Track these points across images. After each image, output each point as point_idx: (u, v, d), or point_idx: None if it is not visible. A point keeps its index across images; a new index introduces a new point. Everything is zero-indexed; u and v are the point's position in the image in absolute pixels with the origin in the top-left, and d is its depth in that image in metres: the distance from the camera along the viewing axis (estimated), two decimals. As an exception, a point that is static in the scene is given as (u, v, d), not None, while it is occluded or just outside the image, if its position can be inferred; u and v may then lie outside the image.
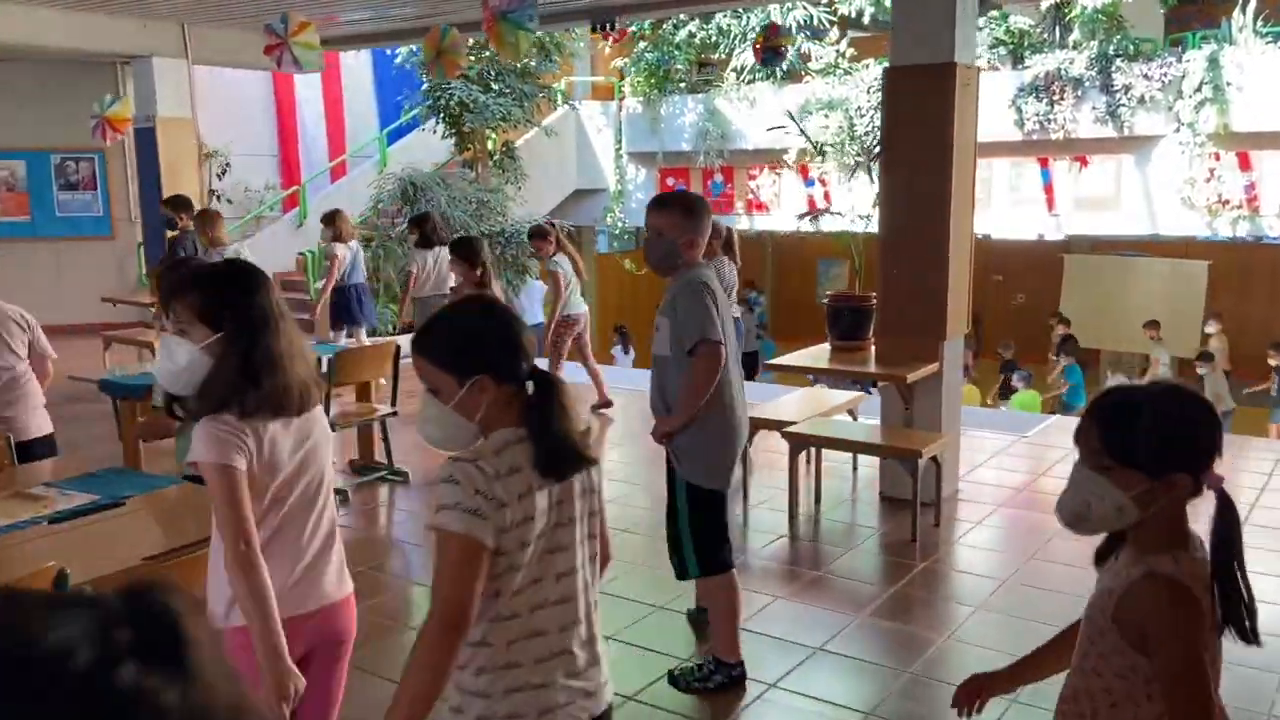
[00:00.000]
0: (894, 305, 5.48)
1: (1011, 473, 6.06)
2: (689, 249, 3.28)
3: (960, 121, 5.23)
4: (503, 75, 11.44)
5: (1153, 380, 1.78)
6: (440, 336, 1.79)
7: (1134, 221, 10.67)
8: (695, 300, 3.21)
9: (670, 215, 3.30)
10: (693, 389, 3.22)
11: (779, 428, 5.43)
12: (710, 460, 3.35)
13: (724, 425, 3.33)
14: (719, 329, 3.18)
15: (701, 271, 3.30)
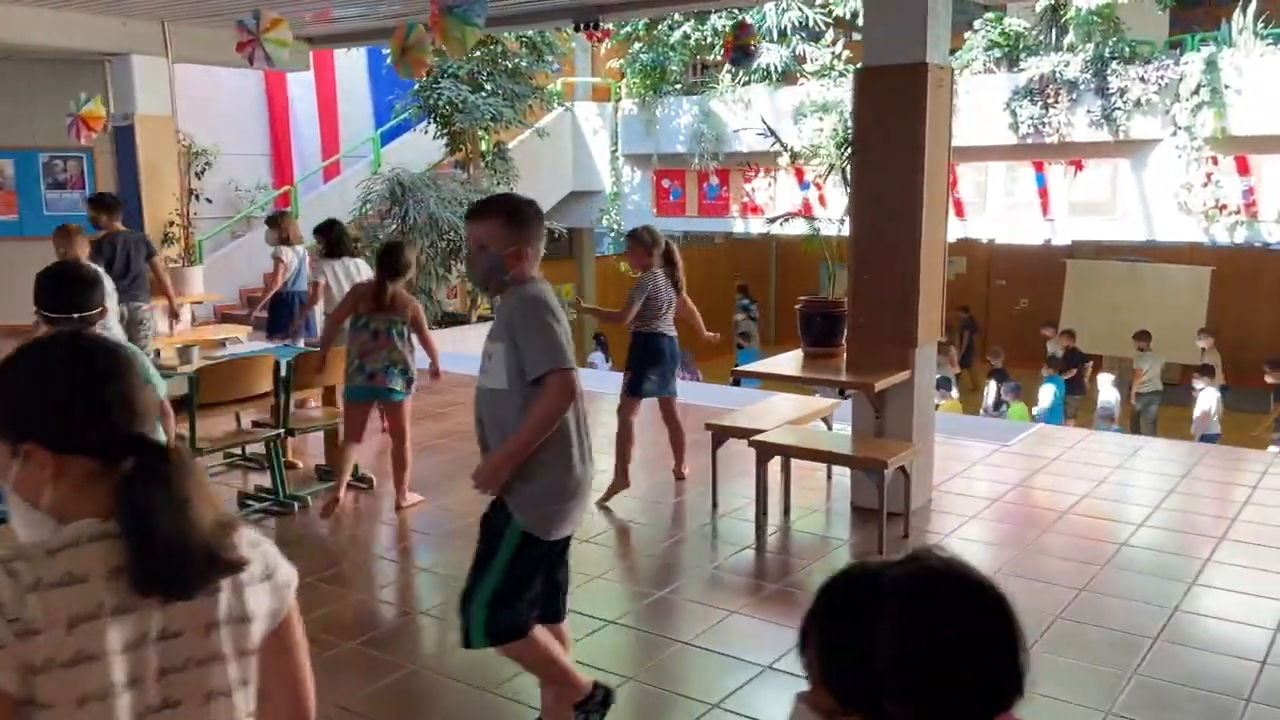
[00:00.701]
0: (865, 311, 5.35)
1: (988, 483, 5.92)
2: (516, 261, 2.82)
3: (933, 124, 5.10)
4: (494, 75, 11.35)
5: (915, 553, 1.13)
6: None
7: (1130, 227, 10.50)
8: (534, 321, 2.75)
9: (491, 224, 2.84)
10: (541, 421, 2.74)
11: (747, 435, 5.31)
12: (557, 504, 2.85)
13: (574, 462, 2.86)
14: (568, 353, 2.76)
15: (534, 286, 2.84)
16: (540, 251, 2.90)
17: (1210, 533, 5.03)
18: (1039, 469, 6.22)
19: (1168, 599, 4.23)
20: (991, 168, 11.11)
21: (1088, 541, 4.97)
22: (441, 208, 11.01)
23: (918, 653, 1.01)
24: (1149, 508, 5.44)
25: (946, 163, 5.35)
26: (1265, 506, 5.46)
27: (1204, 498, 5.71)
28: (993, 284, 19.14)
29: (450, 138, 11.94)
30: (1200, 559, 4.69)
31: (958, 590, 1.07)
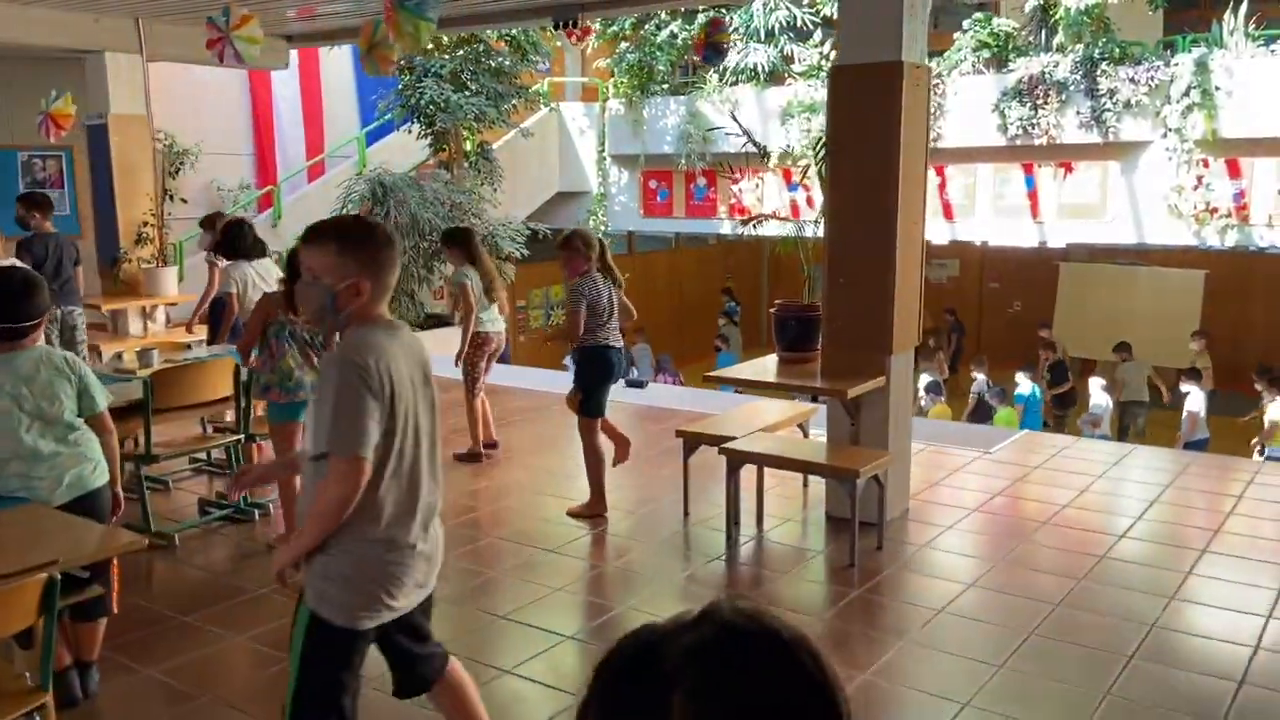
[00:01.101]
0: (840, 316, 5.22)
1: (968, 492, 5.79)
2: (352, 297, 2.32)
3: (909, 124, 4.96)
4: (477, 75, 11.21)
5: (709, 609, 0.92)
6: None
7: (1120, 230, 10.37)
8: (340, 384, 2.26)
9: (321, 251, 2.35)
10: (322, 516, 2.29)
11: (718, 442, 5.17)
12: (364, 587, 2.36)
13: (382, 550, 2.37)
14: (365, 433, 2.24)
15: (366, 335, 2.32)
16: (390, 285, 2.39)
17: (1192, 545, 4.90)
18: (1020, 477, 6.09)
19: (1146, 615, 4.10)
20: (980, 169, 10.99)
21: (1067, 553, 4.84)
22: (424, 208, 10.87)
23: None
24: (1131, 518, 5.31)
25: (924, 164, 5.22)
26: (1249, 517, 5.34)
27: (1187, 508, 5.59)
28: (986, 287, 19.04)
29: (434, 138, 11.80)
30: (1181, 572, 4.56)
31: (759, 655, 0.87)
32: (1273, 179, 9.51)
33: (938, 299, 19.33)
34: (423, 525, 2.42)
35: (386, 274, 2.38)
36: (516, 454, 6.73)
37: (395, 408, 2.30)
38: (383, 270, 2.37)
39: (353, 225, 2.50)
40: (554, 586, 4.46)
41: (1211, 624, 4.09)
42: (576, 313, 5.09)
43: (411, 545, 2.40)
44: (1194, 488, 5.92)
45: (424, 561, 2.45)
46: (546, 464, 6.52)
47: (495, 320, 6.50)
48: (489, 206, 11.81)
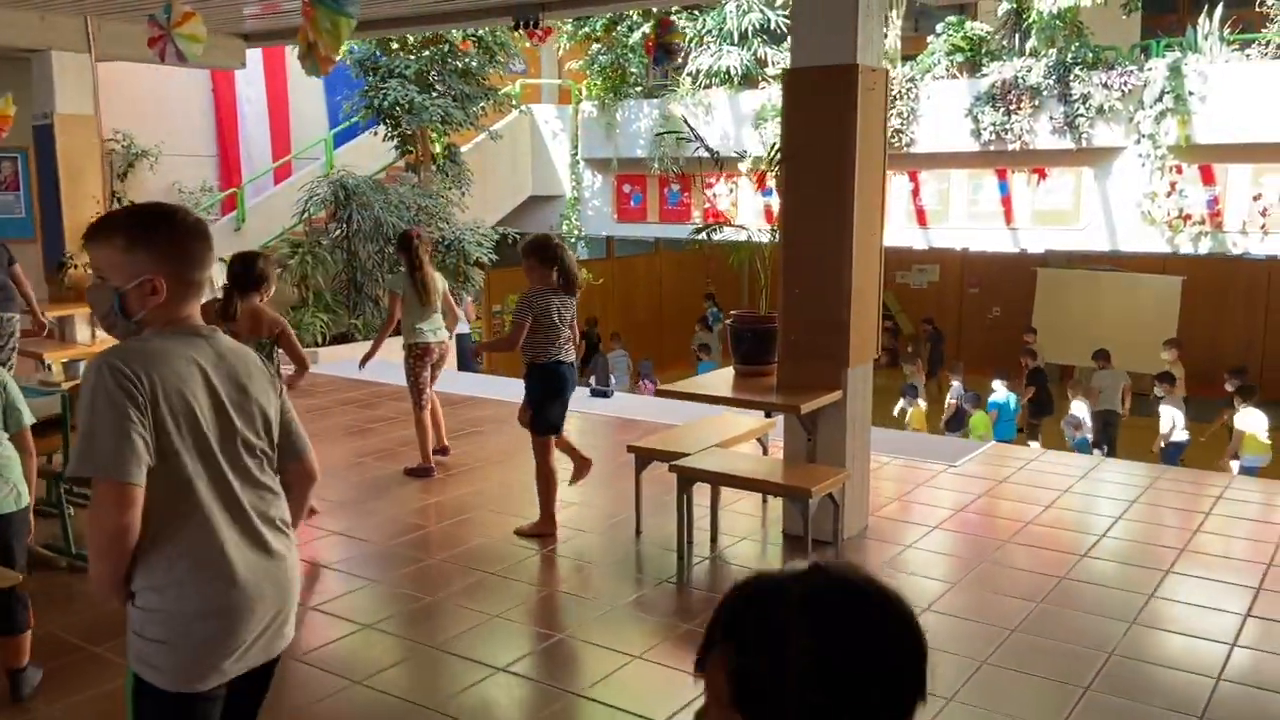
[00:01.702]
0: (795, 328, 5.04)
1: (930, 508, 5.62)
2: (145, 298, 1.97)
3: (865, 129, 4.79)
4: (443, 76, 11.00)
5: (816, 564, 1.05)
6: None
7: (1094, 237, 10.25)
8: (93, 400, 1.87)
9: (108, 248, 1.99)
10: (96, 550, 1.91)
11: (670, 458, 4.98)
12: (174, 646, 1.95)
13: (207, 596, 1.96)
14: (131, 459, 1.84)
15: (147, 343, 1.96)
16: (198, 282, 2.02)
17: (1159, 565, 4.74)
18: (986, 491, 5.92)
19: (1105, 641, 3.93)
20: (954, 175, 10.85)
21: (1030, 574, 4.67)
22: (388, 212, 10.66)
23: (830, 670, 0.98)
24: (1095, 535, 5.15)
25: (882, 171, 5.05)
26: (1216, 535, 5.18)
27: (1155, 525, 5.43)
28: (966, 292, 18.96)
29: (400, 140, 11.58)
30: (1145, 594, 4.39)
31: (868, 604, 1.04)
32: (1247, 185, 9.41)
33: (918, 304, 19.33)
34: (244, 565, 1.99)
35: (191, 269, 2.01)
36: (471, 468, 6.53)
37: (170, 426, 1.91)
38: (185, 264, 2.00)
39: (144, 214, 2.04)
40: (490, 613, 4.26)
41: (1175, 652, 3.92)
42: (520, 326, 4.94)
43: (228, 591, 1.97)
44: (1163, 503, 5.77)
45: (254, 610, 2.01)
46: (501, 479, 6.31)
47: (437, 330, 6.35)
48: (457, 211, 11.60)
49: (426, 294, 6.18)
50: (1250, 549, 5.02)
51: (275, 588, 2.06)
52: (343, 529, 5.34)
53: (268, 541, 2.05)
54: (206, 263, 2.04)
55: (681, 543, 4.85)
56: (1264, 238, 9.40)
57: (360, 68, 11.01)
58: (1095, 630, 4.04)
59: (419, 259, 6.20)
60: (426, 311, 6.22)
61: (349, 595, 4.48)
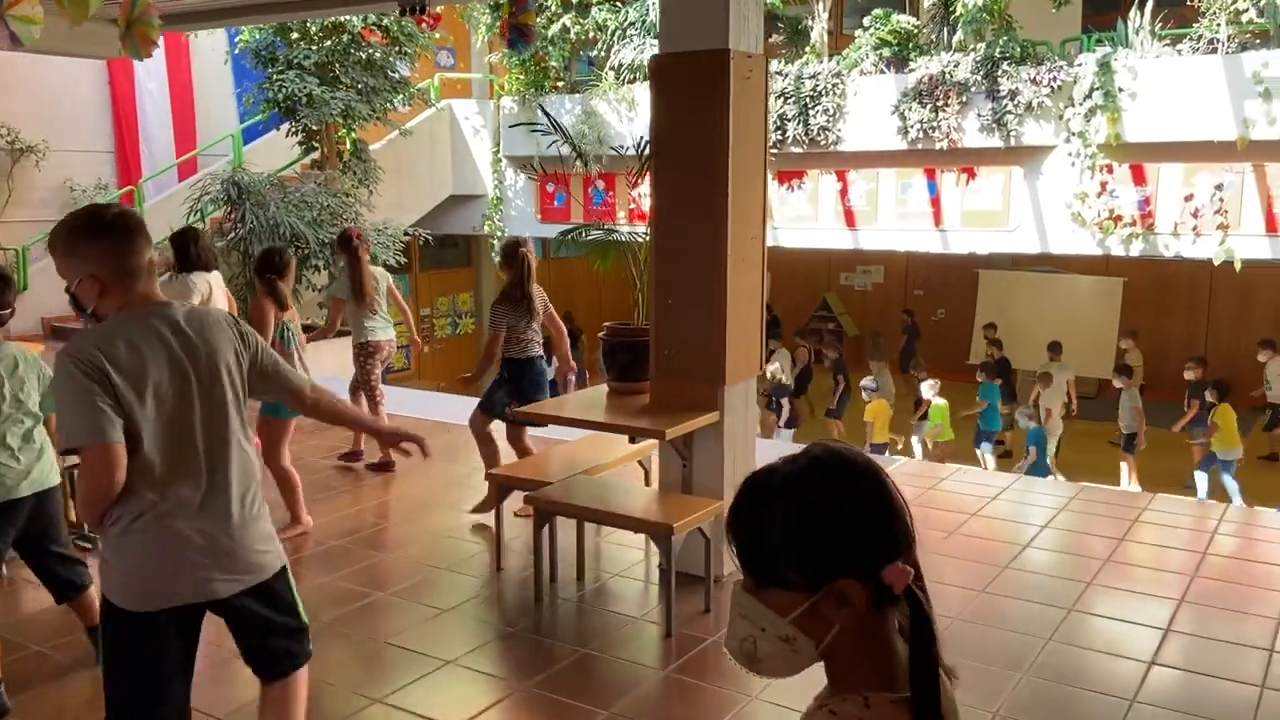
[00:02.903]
0: (669, 342, 4.55)
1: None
2: (91, 293, 2.30)
3: (740, 121, 4.31)
4: (346, 68, 10.38)
5: (812, 446, 1.23)
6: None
7: (1024, 239, 9.89)
8: (61, 380, 2.24)
9: (55, 257, 2.34)
10: (84, 504, 2.32)
11: (531, 487, 4.47)
12: (130, 571, 2.32)
13: (162, 534, 2.31)
14: (101, 422, 2.19)
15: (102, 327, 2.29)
16: (134, 268, 2.32)
17: (1064, 605, 4.30)
18: (888, 517, 5.46)
19: (991, 698, 3.48)
20: (883, 174, 10.45)
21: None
22: (287, 212, 10.02)
23: (799, 523, 1.16)
24: (997, 568, 4.71)
25: (763, 168, 4.57)
26: (1130, 565, 4.77)
27: (1070, 555, 5.00)
28: (910, 294, 18.71)
29: (306, 136, 10.94)
30: (1042, 639, 3.95)
31: (835, 469, 1.20)
32: (1178, 186, 9.09)
33: (862, 306, 19.02)
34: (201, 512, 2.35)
35: (120, 259, 2.31)
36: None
37: (125, 391, 2.24)
38: (112, 257, 2.30)
39: (71, 221, 2.36)
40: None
41: (1085, 709, 3.48)
42: (497, 329, 5.30)
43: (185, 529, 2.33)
44: (1077, 528, 5.35)
45: (203, 547, 2.35)
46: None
47: (385, 327, 6.39)
48: (365, 210, 10.98)
49: (362, 292, 6.19)
50: (1167, 576, 4.61)
51: (226, 524, 2.38)
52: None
53: (221, 486, 2.37)
54: (138, 250, 2.33)
55: (539, 584, 4.34)
56: (1196, 240, 9.09)
57: (256, 58, 10.35)
58: (993, 686, 3.58)
59: (359, 258, 6.23)
60: (368, 309, 6.23)
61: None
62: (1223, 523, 5.37)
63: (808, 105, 10.35)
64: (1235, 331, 15.22)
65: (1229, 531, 5.26)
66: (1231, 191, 8.84)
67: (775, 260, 18.51)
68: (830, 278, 19.30)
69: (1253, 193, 8.80)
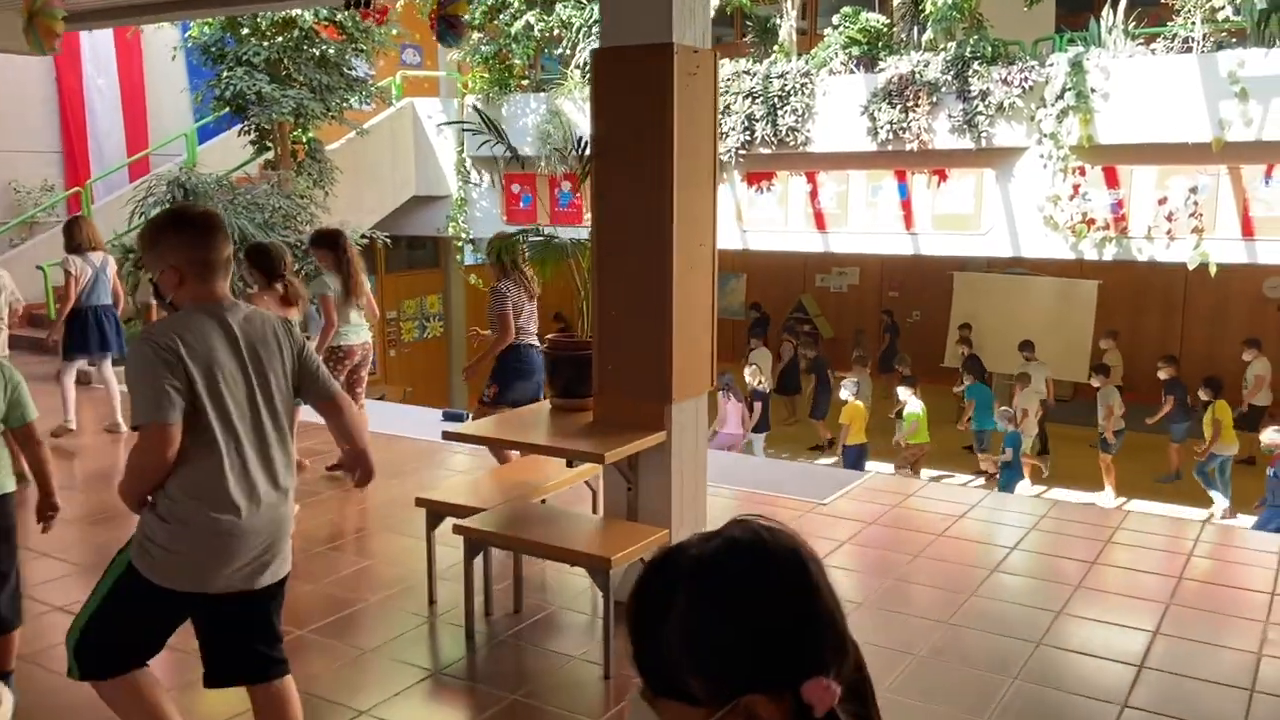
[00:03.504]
0: (613, 357, 4.25)
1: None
2: (172, 283, 2.55)
3: (687, 119, 4.01)
4: (299, 65, 10.02)
5: (731, 524, 1.04)
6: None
7: (996, 243, 9.66)
8: (132, 366, 2.50)
9: (142, 249, 2.65)
10: (129, 472, 2.53)
11: (464, 513, 4.16)
12: (174, 553, 2.50)
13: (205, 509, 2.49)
14: (163, 404, 2.41)
15: (176, 318, 2.54)
16: (211, 261, 2.56)
17: (1032, 639, 4.04)
18: (850, 536, 5.19)
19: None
20: (853, 176, 10.19)
21: (880, 649, 3.93)
22: (235, 215, 9.64)
23: (702, 623, 1.00)
24: (964, 594, 4.44)
25: (713, 170, 4.28)
26: (1102, 593, 4.51)
27: (1042, 581, 4.74)
28: (885, 295, 18.55)
29: (259, 135, 10.57)
30: (1008, 677, 3.68)
31: (751, 557, 1.02)
32: (1151, 188, 8.88)
33: (838, 308, 18.81)
34: (245, 499, 2.52)
35: (199, 252, 2.54)
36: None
37: (196, 382, 2.44)
38: (193, 249, 2.53)
39: (159, 217, 2.67)
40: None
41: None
42: (504, 319, 5.39)
43: (228, 519, 2.50)
44: (1049, 550, 5.10)
45: (246, 538, 2.52)
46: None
47: (358, 330, 6.15)
48: (320, 212, 10.61)
49: (358, 293, 6.05)
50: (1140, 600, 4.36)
51: (268, 524, 2.58)
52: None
53: (267, 484, 2.58)
54: (215, 246, 2.57)
55: (470, 620, 4.03)
56: (1170, 244, 8.89)
57: (205, 54, 9.97)
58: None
59: (349, 256, 6.05)
60: (350, 311, 6.05)
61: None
62: (1199, 543, 5.13)
63: (776, 105, 10.09)
64: (1212, 333, 15.11)
65: (1204, 553, 5.02)
66: (1206, 194, 8.65)
67: (751, 262, 18.29)
68: (806, 279, 19.09)
69: (1228, 195, 8.61)
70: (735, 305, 20.09)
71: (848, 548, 5.06)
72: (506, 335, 5.48)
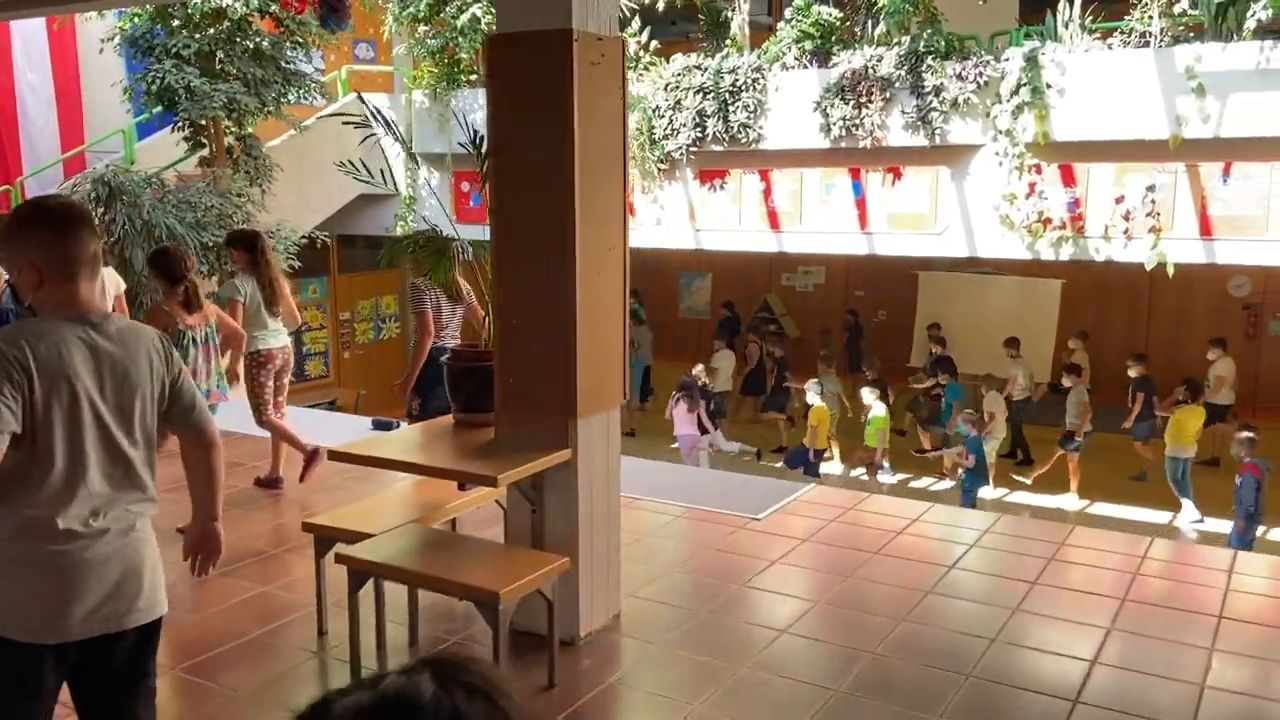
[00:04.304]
0: (514, 369, 3.94)
1: (704, 584, 4.57)
2: (31, 284, 2.28)
3: (589, 112, 3.71)
4: (233, 57, 9.61)
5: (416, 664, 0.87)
6: None
7: (952, 242, 9.42)
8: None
9: (1, 241, 2.38)
10: None
11: (354, 539, 3.83)
12: (17, 596, 2.20)
13: (45, 556, 2.20)
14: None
15: (29, 324, 2.27)
16: (75, 258, 2.27)
17: (964, 668, 3.76)
18: (782, 555, 4.90)
19: None
20: (806, 175, 9.92)
21: (794, 684, 3.65)
22: (164, 214, 9.25)
23: None
24: (893, 619, 4.16)
25: (622, 168, 3.97)
26: (1044, 618, 4.25)
27: (981, 604, 4.46)
28: (851, 295, 18.34)
29: (193, 131, 10.15)
30: (943, 703, 3.40)
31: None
32: (1109, 186, 8.67)
33: (803, 308, 18.57)
34: (85, 526, 2.24)
35: (58, 249, 2.28)
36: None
37: (39, 397, 2.18)
38: (52, 245, 2.28)
39: (20, 210, 2.42)
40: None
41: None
42: (424, 315, 5.36)
43: (66, 549, 2.22)
44: (992, 570, 4.83)
45: (92, 571, 2.24)
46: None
47: (277, 334, 5.83)
48: (258, 211, 10.23)
49: (276, 297, 5.73)
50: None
51: (117, 554, 2.28)
52: None
53: (118, 512, 2.29)
54: (78, 241, 2.29)
55: (356, 658, 3.70)
56: (1127, 243, 8.68)
57: (134, 46, 9.56)
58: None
59: (266, 259, 5.78)
60: (270, 316, 5.75)
61: None
62: (1146, 560, 4.88)
63: (728, 101, 9.81)
64: (1177, 332, 14.99)
65: (1153, 571, 4.77)
66: (1164, 193, 8.44)
67: (716, 261, 18.01)
68: (772, 278, 18.86)
69: (1185, 194, 8.41)
70: (701, 305, 19.82)
71: (777, 568, 4.77)
72: (427, 336, 5.26)
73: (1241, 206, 8.19)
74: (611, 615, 4.13)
